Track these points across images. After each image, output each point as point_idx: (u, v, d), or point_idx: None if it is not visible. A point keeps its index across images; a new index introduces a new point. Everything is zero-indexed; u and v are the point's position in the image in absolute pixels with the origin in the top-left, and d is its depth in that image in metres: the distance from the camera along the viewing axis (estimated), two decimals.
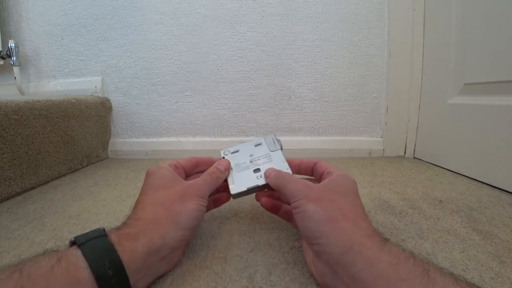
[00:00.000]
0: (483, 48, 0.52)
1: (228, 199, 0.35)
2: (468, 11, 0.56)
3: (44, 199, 0.48)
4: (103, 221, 0.39)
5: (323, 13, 0.75)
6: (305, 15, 0.75)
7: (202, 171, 0.33)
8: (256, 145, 0.36)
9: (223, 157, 0.36)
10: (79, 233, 0.36)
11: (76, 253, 0.20)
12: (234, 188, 0.32)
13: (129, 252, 0.21)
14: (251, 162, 0.34)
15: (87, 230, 0.23)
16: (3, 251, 0.32)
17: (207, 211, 0.34)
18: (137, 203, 0.27)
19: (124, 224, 0.25)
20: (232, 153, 0.36)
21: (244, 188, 0.32)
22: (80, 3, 0.81)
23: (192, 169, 0.34)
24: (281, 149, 0.35)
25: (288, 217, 0.33)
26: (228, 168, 0.33)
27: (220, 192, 0.35)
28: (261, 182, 0.32)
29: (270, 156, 0.34)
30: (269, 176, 0.31)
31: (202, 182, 0.30)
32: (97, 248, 0.21)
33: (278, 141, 0.36)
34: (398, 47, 0.72)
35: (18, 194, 0.51)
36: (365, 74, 0.76)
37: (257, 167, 0.33)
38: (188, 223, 0.26)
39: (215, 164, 0.32)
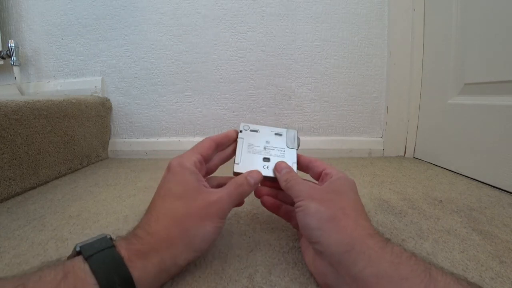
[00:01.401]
0: (483, 48, 0.52)
1: (242, 203, 0.33)
2: (468, 11, 0.56)
3: (44, 199, 0.48)
4: (103, 221, 0.39)
5: (323, 13, 0.75)
6: (305, 15, 0.75)
7: (221, 149, 0.33)
8: (276, 134, 0.36)
9: (241, 131, 0.35)
10: (79, 233, 0.36)
11: (84, 267, 0.19)
12: (238, 167, 0.32)
13: (140, 270, 0.21)
14: (264, 148, 0.34)
15: (87, 230, 0.23)
16: (3, 251, 0.32)
17: None
18: (152, 208, 0.25)
19: (135, 236, 0.23)
20: (251, 130, 0.35)
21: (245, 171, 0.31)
22: (80, 3, 0.81)
23: (213, 154, 0.32)
24: (298, 148, 0.35)
25: (288, 217, 0.33)
26: (258, 182, 0.30)
27: None
28: (265, 173, 0.31)
29: (284, 151, 0.34)
30: (280, 172, 0.30)
31: (227, 200, 0.26)
32: (106, 263, 0.20)
33: (298, 139, 0.35)
34: (398, 47, 0.72)
35: (18, 194, 0.50)
36: (365, 74, 0.76)
37: (267, 157, 0.33)
38: (202, 246, 0.25)
39: (246, 174, 0.29)
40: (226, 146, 0.34)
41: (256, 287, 0.25)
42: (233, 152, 0.34)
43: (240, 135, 0.35)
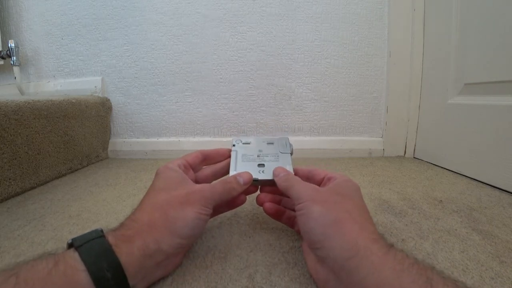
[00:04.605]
0: (483, 48, 0.52)
1: (243, 202, 0.33)
2: (468, 11, 0.56)
3: (44, 199, 0.48)
4: (103, 221, 0.39)
5: (323, 13, 0.75)
6: (305, 15, 0.75)
7: (210, 164, 0.34)
8: (268, 143, 0.37)
9: (234, 145, 0.37)
10: (79, 233, 0.36)
11: (74, 255, 0.20)
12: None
13: (126, 255, 0.21)
14: (258, 156, 0.35)
15: (87, 230, 0.23)
16: (3, 251, 0.32)
17: (220, 213, 0.34)
18: (139, 204, 0.27)
19: (122, 224, 0.24)
20: (243, 143, 0.37)
21: None
22: (80, 3, 0.81)
23: (200, 165, 0.34)
24: (291, 154, 0.35)
25: (291, 223, 0.32)
26: (248, 183, 0.30)
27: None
28: (261, 176, 0.32)
29: (278, 156, 0.35)
30: (278, 175, 0.30)
31: (210, 189, 0.27)
32: (95, 250, 0.20)
33: (291, 145, 0.36)
34: (398, 47, 0.72)
35: (18, 194, 0.50)
36: (365, 74, 0.76)
37: (262, 163, 0.34)
38: (185, 232, 0.24)
39: (236, 174, 0.30)
40: (216, 161, 0.35)
41: (256, 287, 0.25)
42: (227, 166, 0.34)
43: (233, 148, 0.36)
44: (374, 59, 0.76)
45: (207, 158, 0.34)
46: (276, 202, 0.33)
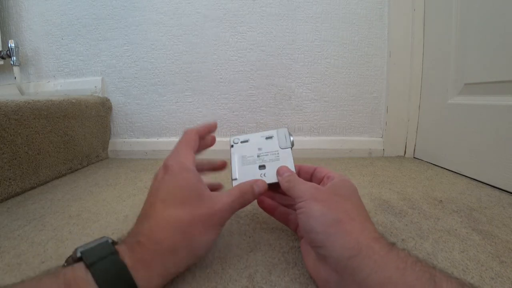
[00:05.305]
0: (483, 48, 0.52)
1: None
2: (468, 11, 0.56)
3: (44, 199, 0.48)
4: (103, 221, 0.39)
5: (323, 13, 0.75)
6: (305, 15, 0.75)
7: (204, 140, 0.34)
8: (267, 138, 0.35)
9: (232, 145, 0.35)
10: (79, 233, 0.36)
11: (87, 277, 0.18)
12: (236, 182, 0.32)
13: (144, 279, 0.20)
14: (258, 156, 0.34)
15: (87, 230, 0.22)
16: (3, 251, 0.32)
17: None
18: (152, 213, 0.24)
19: (138, 243, 0.22)
20: (241, 142, 0.36)
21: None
22: (80, 3, 0.81)
23: (199, 148, 0.33)
24: (292, 146, 0.34)
25: (285, 219, 0.32)
26: (263, 192, 0.30)
27: None
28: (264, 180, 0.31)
29: (278, 153, 0.33)
30: (282, 175, 0.30)
31: (230, 209, 0.26)
32: (110, 273, 0.19)
33: (291, 136, 0.35)
34: (398, 47, 0.72)
35: (18, 194, 0.50)
36: (365, 74, 0.76)
37: (263, 164, 0.33)
38: (203, 253, 0.25)
39: (251, 182, 0.29)
40: (209, 136, 0.35)
41: (256, 287, 0.25)
42: (223, 164, 0.34)
43: (232, 150, 0.35)
44: (374, 59, 0.76)
45: (201, 137, 0.34)
46: (270, 196, 0.34)
